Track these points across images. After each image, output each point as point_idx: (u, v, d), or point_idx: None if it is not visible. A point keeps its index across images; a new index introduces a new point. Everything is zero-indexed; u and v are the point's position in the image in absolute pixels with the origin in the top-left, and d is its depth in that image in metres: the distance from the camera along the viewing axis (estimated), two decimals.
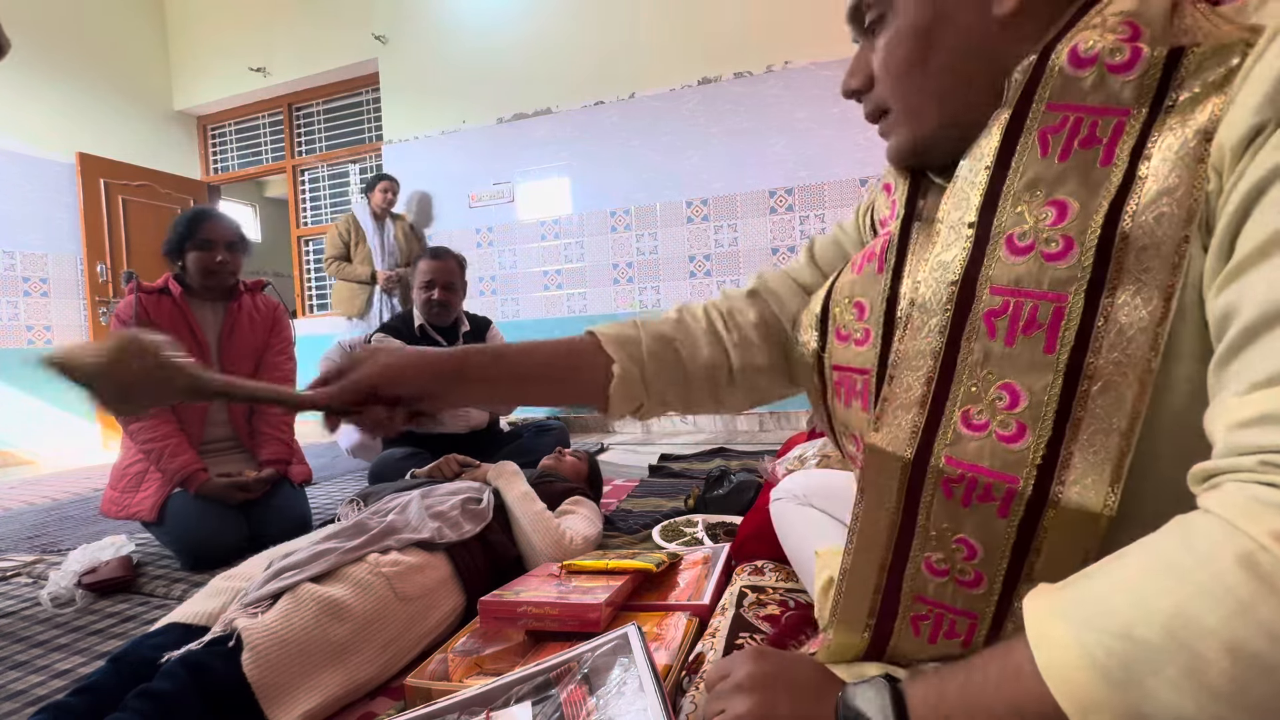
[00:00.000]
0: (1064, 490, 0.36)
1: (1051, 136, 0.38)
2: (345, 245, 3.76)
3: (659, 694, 0.60)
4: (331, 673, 0.86)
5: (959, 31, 0.43)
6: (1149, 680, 0.26)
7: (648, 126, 3.72)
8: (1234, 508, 0.26)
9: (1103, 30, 0.37)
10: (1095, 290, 0.35)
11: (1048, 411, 0.37)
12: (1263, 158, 0.29)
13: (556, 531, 1.28)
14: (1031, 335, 0.37)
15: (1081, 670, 0.28)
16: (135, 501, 1.67)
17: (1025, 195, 0.38)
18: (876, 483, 0.44)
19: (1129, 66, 0.35)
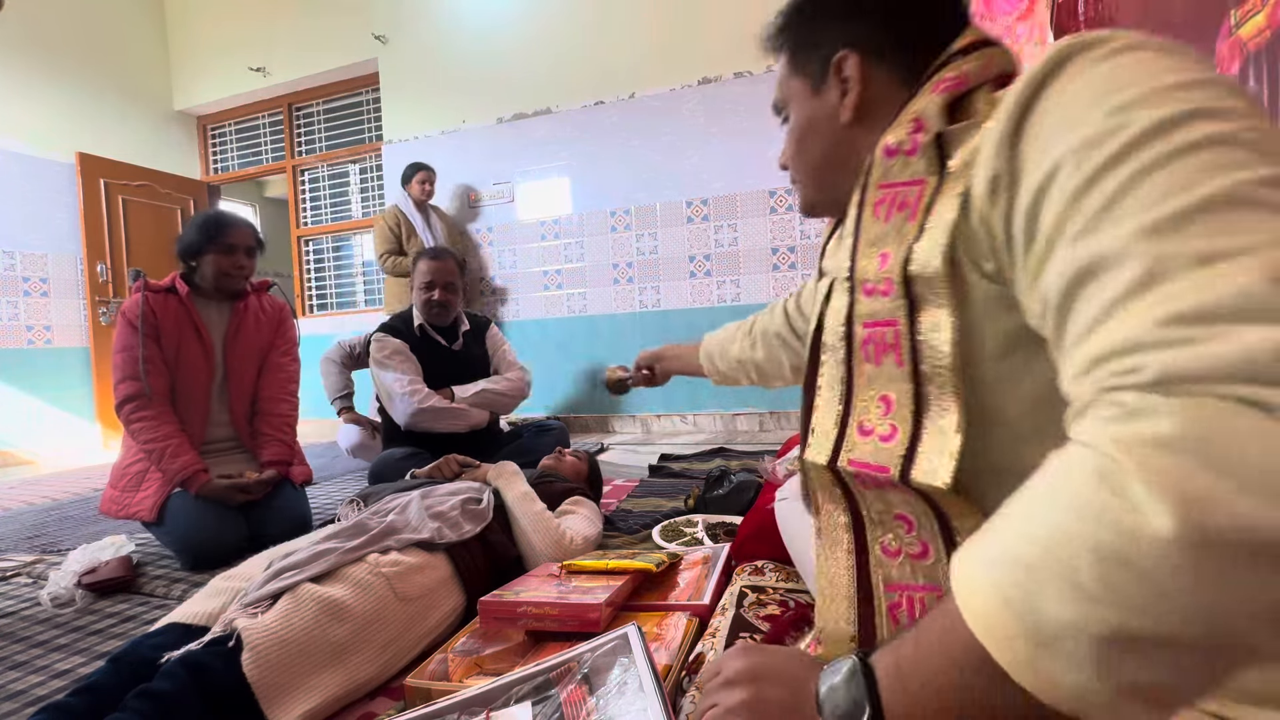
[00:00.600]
0: (916, 473, 0.45)
1: (880, 207, 0.51)
2: (396, 238, 3.63)
3: (659, 694, 0.60)
4: (331, 673, 0.86)
5: (821, 134, 0.62)
6: (1039, 599, 0.29)
7: (648, 126, 3.72)
8: (1084, 432, 0.30)
9: (901, 127, 0.51)
10: (911, 315, 0.47)
11: (908, 413, 0.47)
12: (1023, 195, 0.38)
13: (556, 531, 1.28)
14: (887, 354, 0.48)
15: (993, 605, 0.31)
16: (135, 501, 1.67)
17: (868, 251, 0.51)
18: (823, 488, 0.53)
19: (914, 151, 0.48)
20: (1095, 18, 1.89)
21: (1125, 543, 0.27)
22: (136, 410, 1.67)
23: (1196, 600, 0.26)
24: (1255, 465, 0.25)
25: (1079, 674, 0.28)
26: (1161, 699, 0.28)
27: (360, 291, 4.87)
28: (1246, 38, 1.23)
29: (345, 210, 4.83)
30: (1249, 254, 0.27)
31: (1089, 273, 0.33)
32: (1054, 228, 0.35)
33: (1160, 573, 0.26)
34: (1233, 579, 0.25)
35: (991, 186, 0.40)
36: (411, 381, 2.08)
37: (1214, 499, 0.25)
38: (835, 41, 0.58)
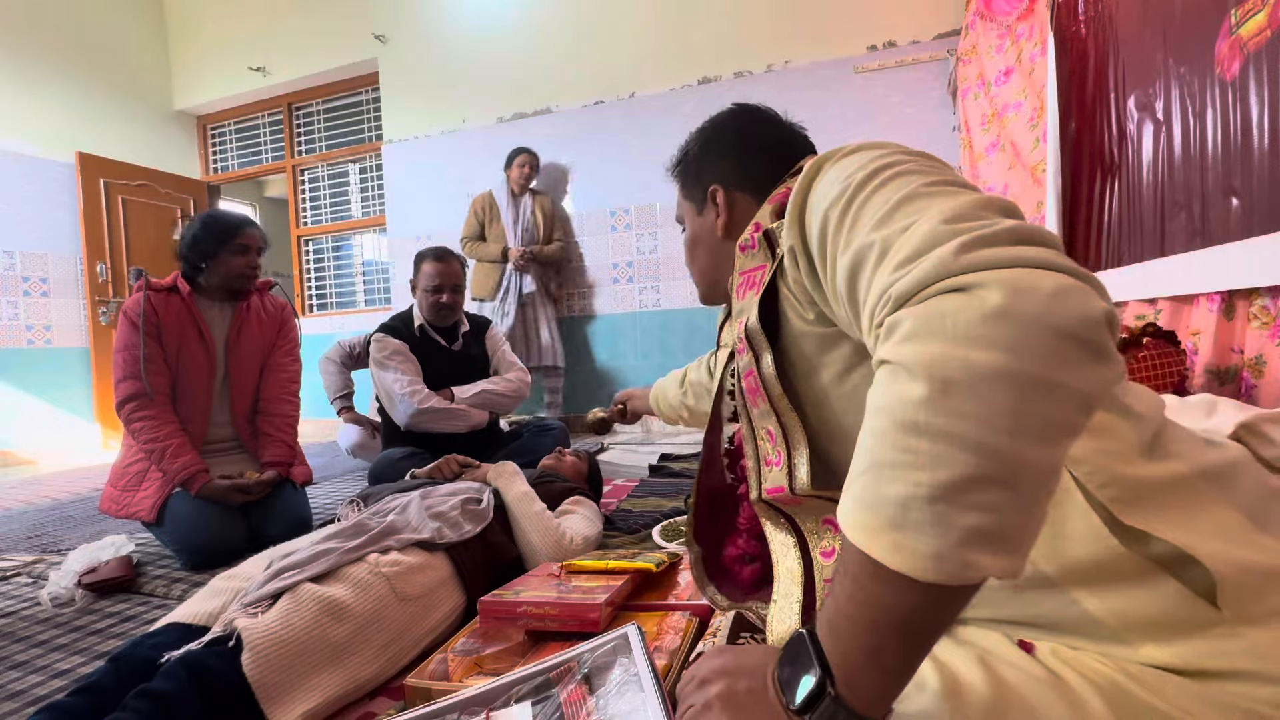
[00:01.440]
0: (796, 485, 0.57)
1: (741, 289, 0.66)
2: (480, 224, 3.63)
3: (659, 694, 0.60)
4: (331, 673, 0.86)
5: (705, 244, 0.82)
6: (880, 490, 0.36)
7: (648, 126, 3.72)
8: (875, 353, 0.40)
9: (747, 230, 0.66)
10: (757, 362, 0.61)
11: (780, 438, 0.59)
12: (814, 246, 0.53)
13: (556, 531, 1.28)
14: (758, 395, 0.61)
15: (857, 514, 0.38)
16: (135, 501, 1.67)
17: (734, 322, 0.66)
18: (767, 517, 0.65)
19: (754, 245, 0.64)
20: (1095, 17, 1.89)
21: (905, 410, 0.35)
22: (137, 410, 1.67)
23: (964, 437, 0.33)
24: (960, 323, 0.34)
25: (927, 537, 0.34)
26: (999, 541, 0.33)
27: (360, 291, 4.87)
28: (1246, 37, 1.23)
29: (345, 210, 4.83)
30: (926, 215, 0.42)
31: (856, 266, 0.46)
32: (831, 253, 0.50)
33: (931, 424, 0.34)
34: (978, 411, 0.33)
35: (792, 255, 0.55)
36: (411, 382, 2.08)
37: (944, 356, 0.34)
38: (710, 178, 0.79)
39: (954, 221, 0.40)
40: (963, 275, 0.36)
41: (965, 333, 0.34)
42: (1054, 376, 0.33)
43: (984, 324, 0.34)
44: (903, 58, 3.27)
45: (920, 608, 0.36)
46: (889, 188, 0.46)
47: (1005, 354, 0.33)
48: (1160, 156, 1.56)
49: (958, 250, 0.37)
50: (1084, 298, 0.34)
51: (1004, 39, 2.44)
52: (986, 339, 0.33)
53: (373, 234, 4.81)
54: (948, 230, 0.39)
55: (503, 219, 3.57)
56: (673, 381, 1.38)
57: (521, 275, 3.53)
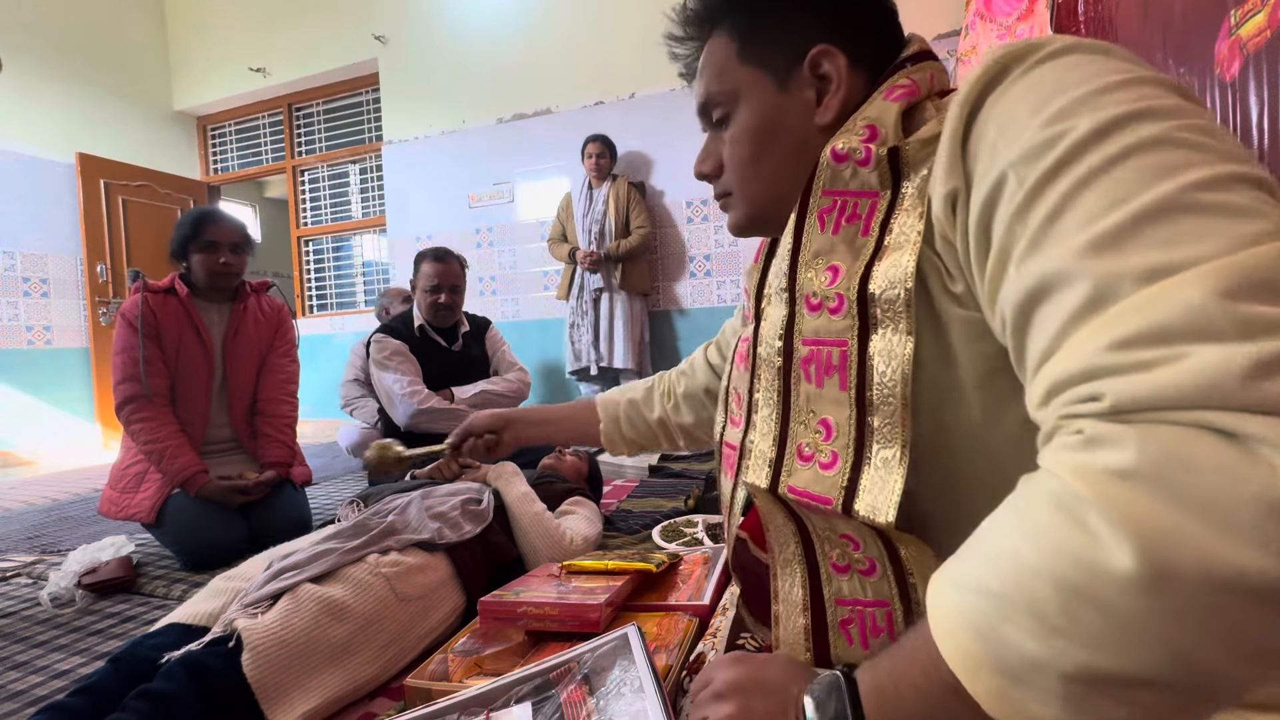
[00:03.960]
0: (859, 506, 0.43)
1: (826, 215, 0.47)
2: (562, 224, 3.50)
3: (659, 695, 0.60)
4: (331, 673, 0.86)
5: (788, 135, 0.53)
6: (1004, 628, 0.29)
7: (648, 126, 3.72)
8: (1048, 459, 0.30)
9: (853, 133, 0.46)
10: (863, 336, 0.43)
11: (850, 440, 0.44)
12: (972, 211, 0.37)
13: (556, 532, 1.28)
14: (831, 376, 0.45)
15: (958, 628, 0.31)
16: (135, 502, 1.67)
17: (813, 263, 0.47)
18: (768, 509, 0.51)
19: (867, 162, 0.45)
20: (1095, 17, 1.89)
21: (1087, 578, 0.26)
22: (136, 411, 1.67)
23: (1164, 638, 0.25)
24: (1216, 497, 0.23)
25: (1049, 709, 0.27)
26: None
27: (360, 292, 4.87)
28: (1246, 38, 1.23)
29: (345, 210, 4.83)
30: (1193, 266, 0.26)
31: (1039, 295, 0.32)
32: (1002, 247, 0.35)
33: (1124, 610, 0.25)
34: (1200, 617, 0.24)
35: (949, 204, 0.39)
36: (411, 382, 2.08)
37: (1175, 534, 0.24)
38: (812, 34, 0.51)
39: (1246, 297, 0.25)
40: (1247, 418, 0.24)
41: (1226, 516, 0.23)
42: None
43: (1262, 513, 0.23)
44: None
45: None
46: (1129, 170, 0.29)
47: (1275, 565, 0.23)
48: None
49: (1252, 371, 0.24)
50: None
51: (1004, 40, 2.44)
52: (1260, 537, 0.23)
53: (373, 234, 4.81)
54: (1233, 317, 0.25)
55: (576, 216, 3.42)
56: (644, 397, 1.00)
57: (593, 274, 3.34)
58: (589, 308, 3.35)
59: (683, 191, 3.70)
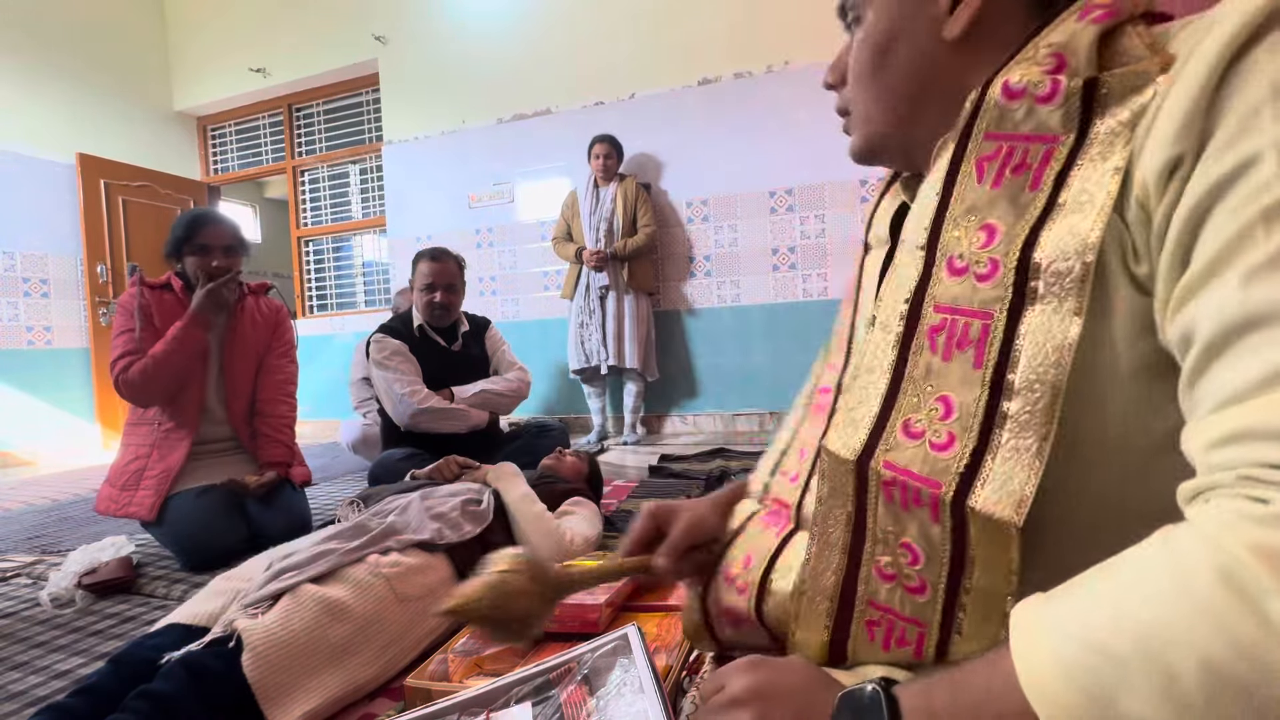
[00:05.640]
0: (977, 498, 0.37)
1: (987, 164, 0.40)
2: (566, 224, 3.47)
3: (659, 695, 0.60)
4: (331, 673, 0.86)
5: (912, 49, 0.46)
6: (1122, 695, 0.26)
7: (648, 126, 3.72)
8: (1215, 522, 0.26)
9: (1033, 63, 0.38)
10: (1016, 310, 0.37)
11: (974, 423, 0.38)
12: (1195, 185, 0.30)
13: (557, 532, 1.28)
14: (964, 351, 0.39)
15: (1059, 683, 0.28)
16: (135, 500, 1.67)
17: (963, 220, 0.40)
18: (833, 485, 0.45)
19: (1051, 97, 0.37)
20: None
21: (1248, 667, 0.23)
22: (132, 362, 1.68)
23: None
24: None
25: None
26: None
27: (360, 292, 4.87)
28: None
29: (345, 211, 4.83)
30: None
31: (1258, 323, 0.27)
32: (1226, 246, 0.29)
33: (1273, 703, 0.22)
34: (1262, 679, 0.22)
35: (1169, 168, 0.31)
36: (411, 382, 2.08)
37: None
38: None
39: None
40: None
41: None
42: None
43: None
44: None
45: None
46: None
47: None
48: None
49: None
50: None
51: None
52: None
53: (373, 235, 4.81)
54: None
55: (581, 215, 3.39)
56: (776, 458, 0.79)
57: (599, 273, 3.31)
58: (596, 306, 3.34)
59: (684, 191, 3.70)
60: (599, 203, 3.37)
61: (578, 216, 3.42)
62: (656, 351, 3.56)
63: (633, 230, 3.36)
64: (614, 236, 3.33)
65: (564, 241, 3.48)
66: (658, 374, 3.53)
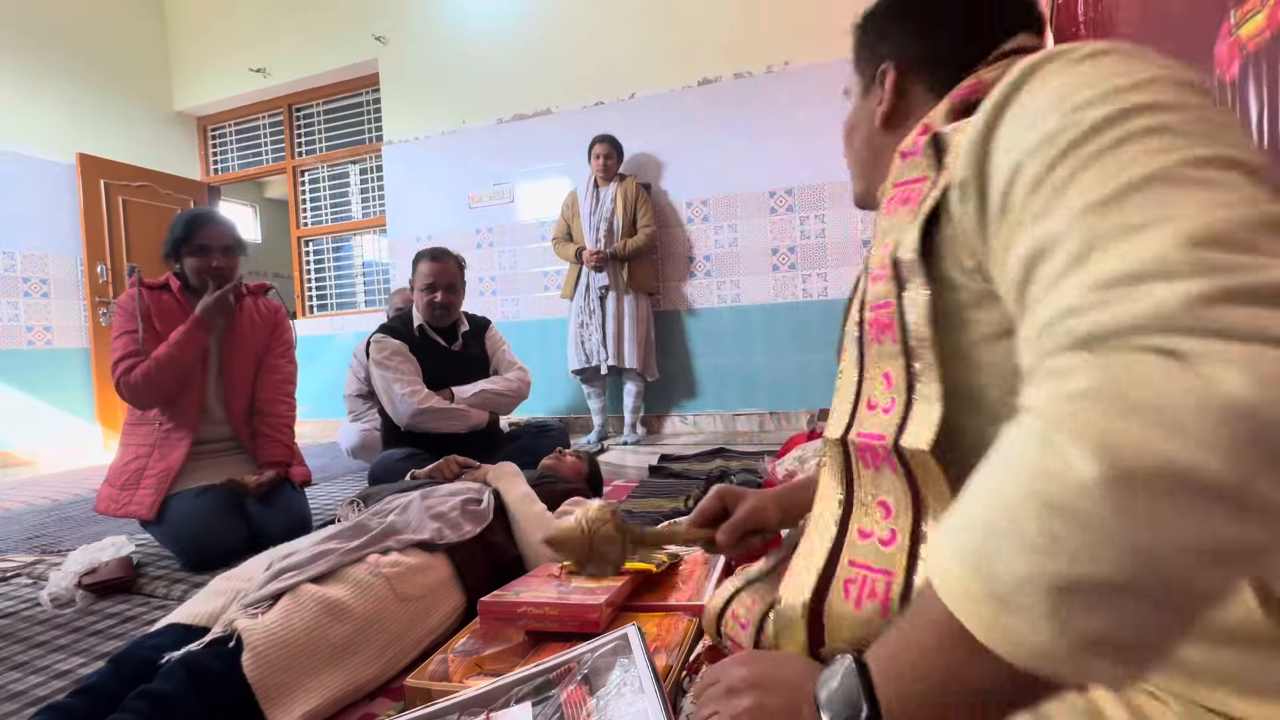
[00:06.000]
0: (906, 438, 0.48)
1: (891, 203, 0.54)
2: (566, 224, 3.47)
3: (659, 695, 0.60)
4: (331, 673, 0.86)
5: (864, 132, 0.67)
6: (995, 559, 0.30)
7: (648, 126, 3.72)
8: (1028, 398, 0.32)
9: (912, 133, 0.54)
10: (899, 296, 0.50)
11: (902, 385, 0.49)
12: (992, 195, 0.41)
13: None
14: (886, 333, 0.51)
15: (954, 570, 0.32)
16: (134, 499, 1.67)
17: (878, 242, 0.54)
18: (832, 464, 0.57)
19: (917, 152, 0.51)
20: (1095, 19, 1.89)
21: (1058, 491, 0.28)
22: (134, 364, 1.68)
23: (1129, 540, 0.27)
24: (1163, 405, 0.26)
25: (1039, 630, 0.29)
26: (1123, 652, 0.28)
27: (360, 292, 4.87)
28: (1246, 38, 1.23)
29: (345, 211, 4.83)
30: (1169, 221, 0.30)
31: (1041, 253, 0.35)
32: (1015, 218, 0.38)
33: (1091, 516, 0.27)
34: (1156, 515, 0.26)
35: (962, 189, 0.43)
36: (411, 382, 2.08)
37: (1129, 440, 0.27)
38: (885, 54, 0.64)
39: (1204, 246, 0.29)
40: (1188, 339, 0.27)
41: (1173, 420, 0.26)
42: (1272, 501, 0.25)
43: (1203, 417, 0.26)
44: None
45: (1006, 688, 0.32)
46: (1129, 151, 0.33)
47: (1219, 461, 0.25)
48: None
49: (1197, 301, 0.27)
50: None
51: None
52: (1200, 436, 0.26)
53: (373, 235, 4.81)
54: (1190, 260, 0.29)
55: (581, 215, 3.38)
56: None
57: (599, 273, 3.31)
58: (596, 306, 3.34)
59: (684, 192, 3.71)
60: (599, 203, 3.37)
61: (578, 217, 3.42)
62: (656, 351, 3.56)
63: (633, 230, 3.36)
64: (614, 236, 3.33)
65: (564, 242, 3.48)
66: (657, 374, 3.53)
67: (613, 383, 3.56)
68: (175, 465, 1.71)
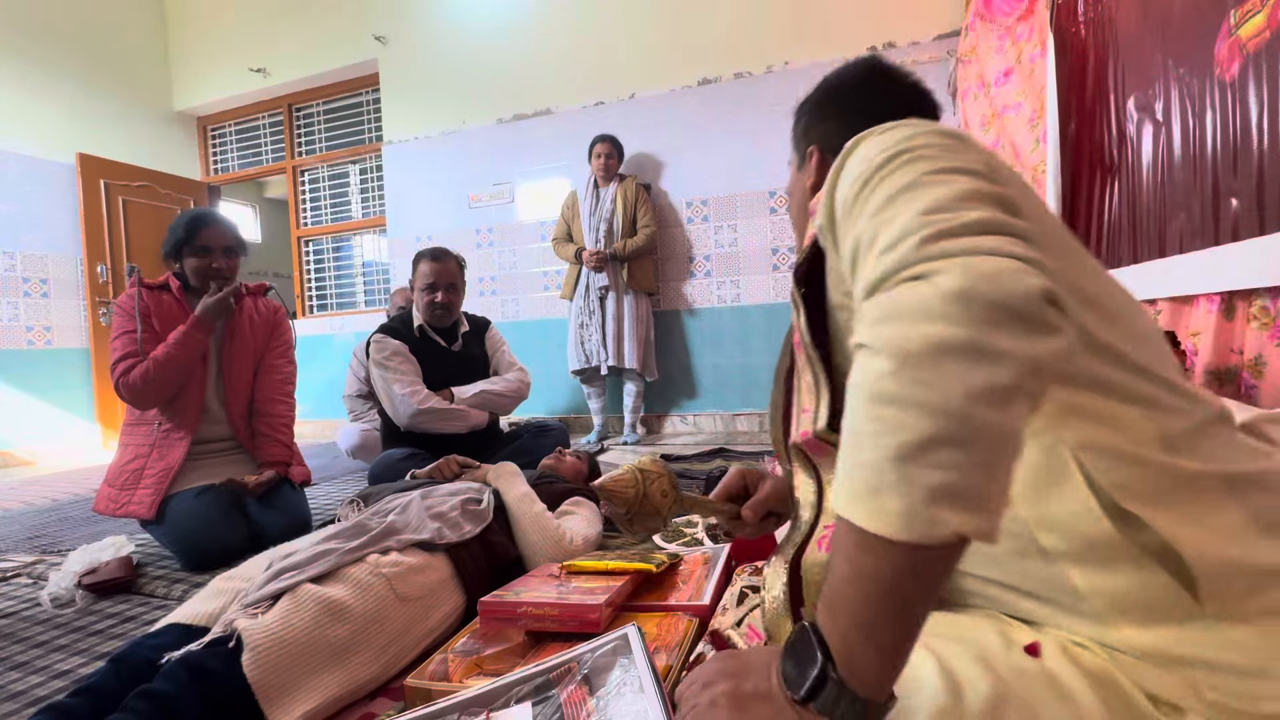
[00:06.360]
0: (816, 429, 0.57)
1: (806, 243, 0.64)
2: (566, 224, 3.46)
3: (659, 695, 0.60)
4: (331, 673, 0.86)
5: (796, 197, 0.81)
6: (858, 459, 0.40)
7: (648, 126, 3.72)
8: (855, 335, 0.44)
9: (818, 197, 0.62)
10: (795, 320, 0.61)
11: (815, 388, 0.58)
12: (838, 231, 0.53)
13: (556, 532, 1.28)
14: (798, 349, 0.60)
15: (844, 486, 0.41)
16: (134, 499, 1.67)
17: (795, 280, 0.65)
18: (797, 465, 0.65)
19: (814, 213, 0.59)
20: (1095, 18, 1.89)
21: (874, 386, 0.40)
22: (133, 365, 1.68)
23: (926, 402, 0.37)
24: (918, 306, 0.39)
25: (899, 495, 0.37)
26: (961, 498, 0.36)
27: (360, 292, 4.87)
28: (1246, 38, 1.23)
29: (345, 211, 4.83)
30: (911, 206, 0.44)
31: (854, 253, 0.49)
32: (841, 235, 0.52)
33: (896, 394, 0.38)
34: (935, 378, 0.37)
35: (822, 232, 0.55)
36: (411, 382, 2.08)
37: (904, 334, 0.39)
38: (814, 136, 0.80)
39: (929, 213, 0.43)
40: (922, 265, 0.41)
41: (923, 313, 0.39)
42: (998, 345, 0.37)
43: (939, 304, 0.39)
44: (903, 59, 3.26)
45: (905, 572, 0.39)
46: (898, 174, 0.48)
47: (956, 327, 0.38)
48: (1160, 157, 1.56)
49: (921, 242, 0.42)
50: (1025, 277, 0.39)
51: (1004, 40, 2.44)
52: (941, 316, 0.38)
53: (373, 235, 4.81)
54: (920, 222, 0.43)
55: (581, 216, 3.39)
56: None
57: (599, 273, 3.31)
58: (596, 307, 3.33)
59: (684, 192, 3.71)
60: (599, 203, 3.37)
61: (578, 217, 3.42)
62: (656, 352, 3.56)
63: (633, 231, 3.36)
64: (614, 237, 3.33)
65: (564, 242, 3.48)
66: (657, 374, 3.53)
67: (612, 383, 3.56)
68: (175, 465, 1.71)
